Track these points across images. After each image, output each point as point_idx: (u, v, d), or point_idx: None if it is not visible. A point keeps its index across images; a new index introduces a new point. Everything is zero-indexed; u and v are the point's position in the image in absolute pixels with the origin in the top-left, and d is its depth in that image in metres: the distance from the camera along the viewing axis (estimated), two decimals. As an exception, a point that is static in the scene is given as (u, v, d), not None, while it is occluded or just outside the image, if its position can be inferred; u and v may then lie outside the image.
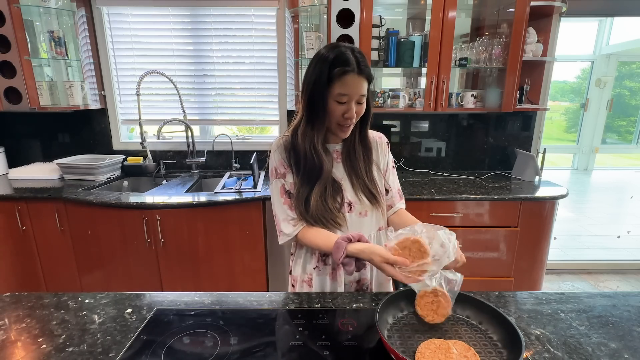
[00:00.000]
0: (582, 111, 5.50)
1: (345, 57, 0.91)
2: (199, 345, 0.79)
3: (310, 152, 0.99)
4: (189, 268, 1.98)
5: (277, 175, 1.05)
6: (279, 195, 1.05)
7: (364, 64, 0.93)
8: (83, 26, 2.29)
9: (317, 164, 1.00)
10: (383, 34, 2.14)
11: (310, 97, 0.97)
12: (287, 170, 1.04)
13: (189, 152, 2.47)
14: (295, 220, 1.03)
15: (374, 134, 1.14)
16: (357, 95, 0.94)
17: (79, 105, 2.28)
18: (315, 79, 0.94)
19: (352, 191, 1.06)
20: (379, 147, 1.13)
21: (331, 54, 0.93)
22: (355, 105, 0.95)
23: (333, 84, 0.92)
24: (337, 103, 0.94)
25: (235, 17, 2.40)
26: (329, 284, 1.09)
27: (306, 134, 0.99)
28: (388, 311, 0.84)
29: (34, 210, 1.96)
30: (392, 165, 1.17)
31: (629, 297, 1.00)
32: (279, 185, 1.05)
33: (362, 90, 0.94)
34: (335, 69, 0.91)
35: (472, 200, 1.95)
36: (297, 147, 1.01)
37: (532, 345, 0.79)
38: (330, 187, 1.02)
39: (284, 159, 1.04)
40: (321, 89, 0.93)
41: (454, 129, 2.53)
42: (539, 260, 2.08)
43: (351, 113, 0.95)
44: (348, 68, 0.91)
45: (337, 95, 0.93)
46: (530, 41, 2.07)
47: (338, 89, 0.92)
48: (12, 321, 0.87)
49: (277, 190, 1.05)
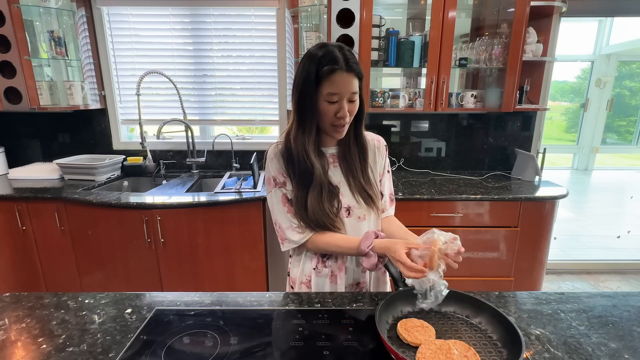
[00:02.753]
0: (582, 111, 5.50)
1: (333, 56, 0.89)
2: (199, 345, 0.79)
3: (302, 156, 0.97)
4: (189, 268, 1.98)
5: (277, 185, 1.03)
6: (281, 205, 1.03)
7: (353, 60, 0.91)
8: (83, 26, 2.29)
9: (308, 168, 0.97)
10: (383, 34, 2.14)
11: (300, 99, 0.94)
12: (286, 178, 1.02)
13: (189, 152, 2.47)
14: (302, 227, 1.01)
15: (373, 136, 1.12)
16: (348, 93, 0.91)
17: (79, 105, 2.28)
18: (304, 79, 0.92)
19: (350, 195, 1.04)
20: (377, 150, 1.10)
21: (319, 53, 0.90)
22: (347, 103, 0.92)
23: (322, 83, 0.90)
24: (328, 103, 0.92)
25: (235, 17, 2.40)
26: (327, 286, 1.08)
27: (297, 137, 0.97)
28: (388, 311, 0.84)
29: (34, 210, 1.96)
30: (388, 170, 1.15)
31: (629, 297, 1.00)
32: (279, 195, 1.02)
33: (352, 87, 0.91)
34: (324, 68, 0.88)
35: (472, 200, 1.95)
36: (291, 152, 0.99)
37: (532, 345, 0.79)
38: (327, 191, 1.00)
39: (282, 167, 1.01)
40: (310, 90, 0.91)
41: (454, 129, 2.53)
42: (539, 260, 2.08)
43: (343, 112, 0.92)
44: (336, 66, 0.88)
45: (327, 95, 0.91)
46: (530, 41, 2.07)
47: (327, 89, 0.90)
48: (12, 321, 0.87)
49: (278, 200, 1.03)
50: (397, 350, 0.67)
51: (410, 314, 0.86)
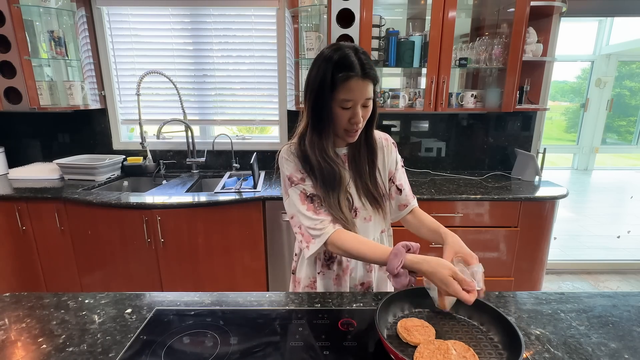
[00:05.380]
0: (582, 111, 5.49)
1: (349, 61, 0.86)
2: (199, 345, 0.79)
3: (325, 161, 0.95)
4: (189, 268, 1.98)
5: (294, 183, 0.98)
6: (300, 203, 0.97)
7: (368, 66, 0.88)
8: (83, 26, 2.29)
9: (335, 172, 0.96)
10: (383, 34, 2.14)
11: (314, 104, 0.92)
12: (304, 175, 0.99)
13: (189, 152, 2.47)
14: (324, 222, 0.95)
15: (380, 134, 1.10)
16: (363, 99, 0.90)
17: (79, 105, 2.28)
18: (319, 84, 0.89)
19: (357, 197, 1.03)
20: (385, 149, 1.09)
21: (335, 56, 0.88)
22: (361, 109, 0.91)
23: (337, 89, 0.88)
24: (342, 109, 0.90)
25: (235, 17, 2.40)
26: (332, 288, 1.08)
27: (314, 143, 0.95)
28: (388, 311, 0.84)
29: (34, 210, 1.96)
30: (401, 165, 1.14)
31: (629, 297, 1.00)
32: (298, 193, 0.98)
33: (367, 93, 0.90)
34: (339, 75, 0.86)
35: (472, 200, 1.95)
36: (309, 158, 0.96)
37: (532, 345, 0.79)
38: (344, 192, 0.99)
39: (298, 165, 0.99)
40: (325, 96, 0.89)
41: (454, 129, 2.53)
42: (539, 260, 2.08)
43: (357, 118, 0.91)
44: (352, 73, 0.86)
45: (342, 101, 0.89)
46: (530, 41, 2.07)
47: (342, 95, 0.88)
48: (12, 321, 0.87)
49: (297, 198, 0.98)
50: (396, 349, 0.67)
51: (411, 313, 0.86)
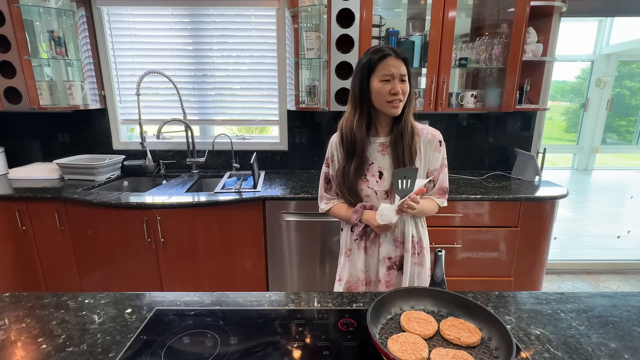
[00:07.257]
0: (582, 111, 5.49)
1: (383, 48, 1.13)
2: (199, 345, 0.79)
3: (349, 133, 1.18)
4: (189, 268, 1.98)
5: (326, 164, 1.30)
6: (322, 179, 1.33)
7: (400, 50, 1.13)
8: (83, 26, 2.29)
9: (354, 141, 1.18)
10: (383, 34, 2.14)
11: (358, 86, 1.15)
12: (332, 162, 1.28)
13: (189, 152, 2.47)
14: (327, 199, 1.33)
15: (429, 129, 1.23)
16: (399, 75, 1.11)
17: (79, 105, 2.27)
18: (361, 70, 1.14)
19: (389, 181, 1.20)
20: (429, 144, 1.22)
21: (372, 49, 1.14)
22: (399, 83, 1.11)
23: (376, 69, 1.11)
24: (383, 83, 1.11)
25: (235, 17, 2.40)
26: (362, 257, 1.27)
27: (349, 118, 1.19)
28: (381, 311, 0.84)
29: (34, 210, 1.96)
30: (444, 164, 1.25)
31: (629, 297, 1.00)
32: (324, 171, 1.32)
33: (402, 70, 1.11)
34: (376, 56, 1.11)
35: (472, 200, 1.95)
36: (342, 134, 1.22)
37: (532, 345, 0.79)
38: (359, 162, 1.19)
39: (334, 150, 1.26)
40: (366, 76, 1.13)
41: (454, 129, 2.53)
42: (539, 260, 2.08)
43: (396, 89, 1.10)
44: (386, 52, 1.11)
45: (382, 76, 1.11)
46: (530, 41, 2.07)
47: (382, 71, 1.11)
48: (12, 321, 0.87)
49: (322, 175, 1.33)
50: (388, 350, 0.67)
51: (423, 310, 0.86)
